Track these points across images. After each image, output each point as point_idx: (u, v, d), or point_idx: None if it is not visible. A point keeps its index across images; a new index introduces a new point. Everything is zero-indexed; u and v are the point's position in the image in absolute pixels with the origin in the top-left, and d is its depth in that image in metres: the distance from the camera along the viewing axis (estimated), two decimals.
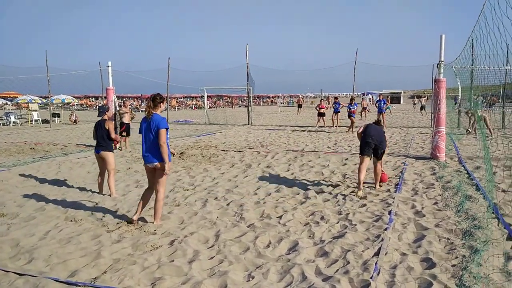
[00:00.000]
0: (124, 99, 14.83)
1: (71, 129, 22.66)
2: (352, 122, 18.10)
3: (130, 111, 13.73)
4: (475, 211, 5.68)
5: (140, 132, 5.35)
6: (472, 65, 13.53)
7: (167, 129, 5.19)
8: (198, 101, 61.86)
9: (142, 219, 5.61)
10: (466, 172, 8.55)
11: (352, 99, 18.95)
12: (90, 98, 63.82)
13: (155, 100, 5.25)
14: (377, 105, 20.60)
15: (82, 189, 7.62)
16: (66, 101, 44.09)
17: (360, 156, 7.00)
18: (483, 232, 4.80)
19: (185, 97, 66.35)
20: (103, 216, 5.86)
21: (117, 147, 12.92)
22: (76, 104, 55.38)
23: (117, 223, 5.53)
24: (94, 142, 7.37)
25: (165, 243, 4.79)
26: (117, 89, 13.94)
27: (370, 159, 6.95)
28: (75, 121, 27.05)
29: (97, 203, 6.56)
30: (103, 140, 7.07)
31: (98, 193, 7.20)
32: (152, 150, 5.21)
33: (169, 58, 25.63)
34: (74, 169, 9.69)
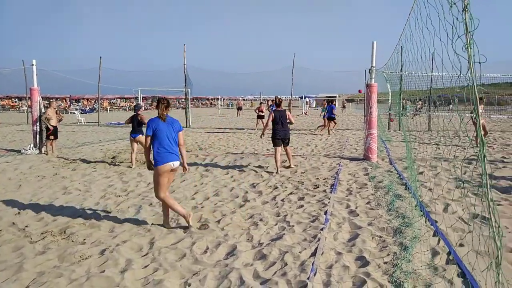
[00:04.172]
0: (51, 100, 13.92)
1: None
2: (334, 123, 18.96)
3: (58, 113, 12.90)
4: (404, 209, 5.95)
5: (154, 134, 5.22)
6: (401, 70, 14.33)
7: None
8: (133, 103, 59.98)
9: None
10: (396, 172, 8.99)
11: (331, 102, 19.47)
12: (13, 99, 59.38)
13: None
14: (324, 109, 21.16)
15: (2, 197, 7.02)
16: None
17: (274, 147, 9.30)
18: (412, 229, 5.03)
19: (118, 98, 63.91)
20: (26, 226, 5.42)
21: (43, 151, 12.10)
22: None
23: (42, 233, 5.13)
24: (16, 147, 7.25)
25: (95, 253, 4.51)
26: (43, 89, 13.06)
27: (281, 147, 9.24)
28: None
29: (19, 212, 6.07)
30: (138, 127, 10.05)
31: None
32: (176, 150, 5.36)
33: (100, 57, 24.57)
34: None
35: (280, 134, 9.12)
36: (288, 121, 9.20)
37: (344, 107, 49.77)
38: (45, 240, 4.90)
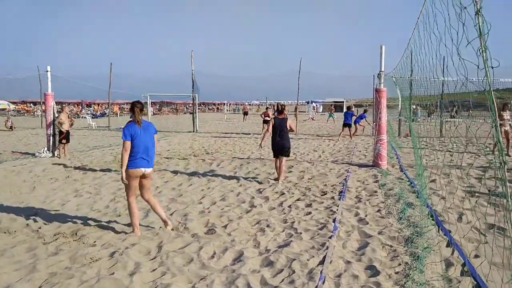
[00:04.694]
0: (64, 105, 14.15)
1: (6, 135, 21.24)
2: (356, 129, 19.83)
3: (69, 117, 13.07)
4: (416, 218, 5.84)
5: (132, 140, 5.13)
6: (411, 75, 14.19)
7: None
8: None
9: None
10: (407, 179, 8.87)
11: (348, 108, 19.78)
12: (28, 104, 60.34)
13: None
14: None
15: (17, 198, 7.14)
16: (0, 107, 41.54)
17: (274, 158, 8.91)
18: (425, 239, 4.92)
19: (128, 103, 64.71)
20: (40, 228, 5.51)
21: (55, 155, 12.24)
22: (13, 110, 52.32)
23: (54, 235, 5.21)
24: (31, 150, 7.45)
25: (105, 255, 4.54)
26: (56, 94, 13.21)
27: (279, 157, 8.68)
28: (10, 127, 25.41)
29: (33, 214, 6.14)
30: None
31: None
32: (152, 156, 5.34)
33: (111, 63, 24.75)
34: (9, 177, 9.08)
35: (276, 144, 8.61)
36: (288, 128, 8.64)
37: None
38: (57, 242, 4.98)
